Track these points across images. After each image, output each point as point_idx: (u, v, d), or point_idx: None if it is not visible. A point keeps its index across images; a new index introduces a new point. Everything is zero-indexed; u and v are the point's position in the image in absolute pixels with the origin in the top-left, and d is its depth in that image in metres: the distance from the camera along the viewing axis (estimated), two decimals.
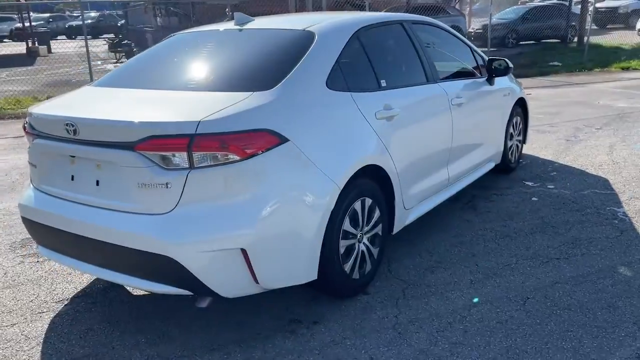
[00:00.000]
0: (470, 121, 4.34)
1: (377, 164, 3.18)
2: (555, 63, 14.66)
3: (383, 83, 3.43)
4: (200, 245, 2.48)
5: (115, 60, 18.18)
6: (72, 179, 2.84)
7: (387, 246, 3.53)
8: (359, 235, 3.11)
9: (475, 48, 4.82)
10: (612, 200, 4.59)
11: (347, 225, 2.98)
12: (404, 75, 3.79)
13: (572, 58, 15.27)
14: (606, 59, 14.75)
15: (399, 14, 4.35)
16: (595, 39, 17.06)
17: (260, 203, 2.57)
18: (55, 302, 3.28)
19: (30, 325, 3.04)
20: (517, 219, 4.27)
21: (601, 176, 5.24)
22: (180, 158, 2.48)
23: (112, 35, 23.46)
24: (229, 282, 2.59)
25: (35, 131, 2.96)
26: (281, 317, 3.00)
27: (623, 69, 13.70)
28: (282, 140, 2.62)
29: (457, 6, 19.83)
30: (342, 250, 2.97)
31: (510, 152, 5.30)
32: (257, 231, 2.54)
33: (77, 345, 2.84)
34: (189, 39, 3.72)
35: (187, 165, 2.47)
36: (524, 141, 5.73)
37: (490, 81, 4.72)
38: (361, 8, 17.98)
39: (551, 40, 19.93)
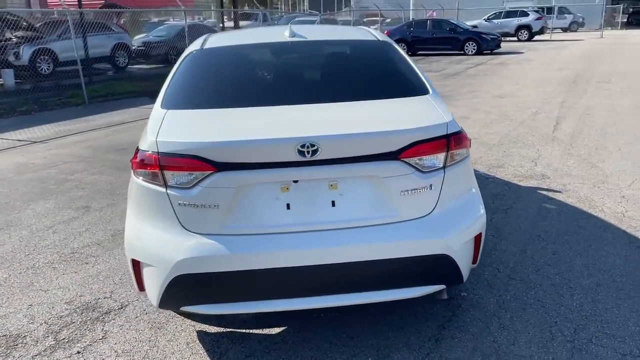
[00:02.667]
0: None
1: None
2: None
3: None
4: (461, 237, 2.66)
5: None
6: (288, 207, 2.50)
7: None
8: None
9: None
10: (479, 170, 6.05)
11: None
12: None
13: None
14: None
15: None
16: None
17: (477, 190, 2.89)
18: None
19: None
20: None
21: None
22: (434, 159, 2.59)
23: None
24: (467, 268, 2.81)
25: (215, 164, 2.43)
26: (433, 300, 3.28)
27: None
28: None
29: (119, 23, 19.35)
30: None
31: None
32: (484, 215, 2.85)
33: None
34: (260, 50, 3.46)
35: (442, 165, 2.61)
36: None
37: None
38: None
39: None
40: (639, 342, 2.84)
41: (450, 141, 2.61)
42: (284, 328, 3.06)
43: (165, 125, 2.66)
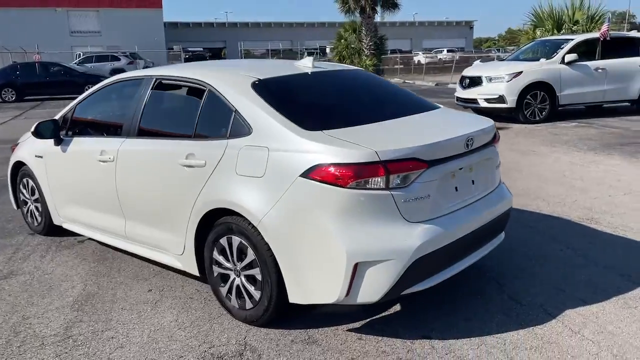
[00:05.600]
0: None
1: None
2: None
3: None
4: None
5: None
6: (456, 189, 3.24)
7: None
8: None
9: None
10: None
11: None
12: None
13: None
14: None
15: None
16: None
17: None
18: None
19: None
20: None
21: None
22: (496, 144, 3.71)
23: None
24: None
25: (427, 162, 2.99)
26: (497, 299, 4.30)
27: None
28: None
29: None
30: None
31: None
32: None
33: None
34: (316, 79, 3.78)
35: (497, 149, 3.78)
36: None
37: None
38: None
39: None
40: (566, 264, 4.63)
41: (498, 132, 3.82)
42: (388, 310, 3.58)
43: (358, 140, 2.97)
